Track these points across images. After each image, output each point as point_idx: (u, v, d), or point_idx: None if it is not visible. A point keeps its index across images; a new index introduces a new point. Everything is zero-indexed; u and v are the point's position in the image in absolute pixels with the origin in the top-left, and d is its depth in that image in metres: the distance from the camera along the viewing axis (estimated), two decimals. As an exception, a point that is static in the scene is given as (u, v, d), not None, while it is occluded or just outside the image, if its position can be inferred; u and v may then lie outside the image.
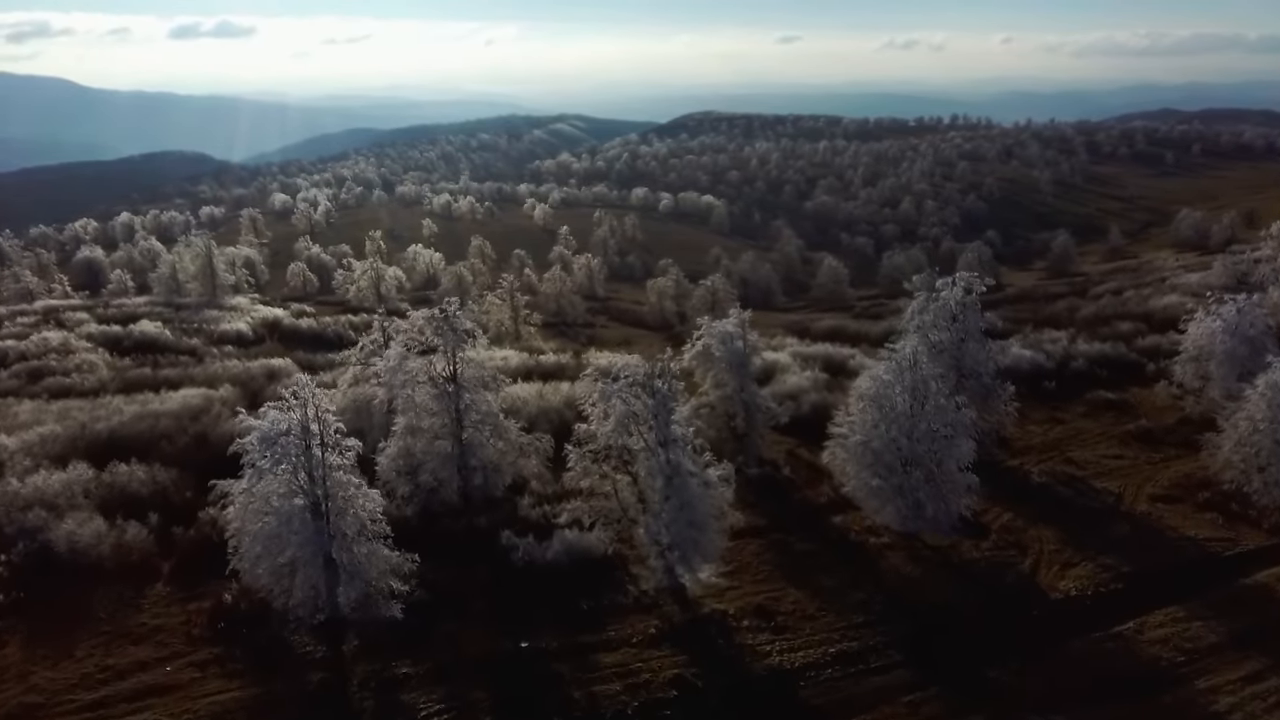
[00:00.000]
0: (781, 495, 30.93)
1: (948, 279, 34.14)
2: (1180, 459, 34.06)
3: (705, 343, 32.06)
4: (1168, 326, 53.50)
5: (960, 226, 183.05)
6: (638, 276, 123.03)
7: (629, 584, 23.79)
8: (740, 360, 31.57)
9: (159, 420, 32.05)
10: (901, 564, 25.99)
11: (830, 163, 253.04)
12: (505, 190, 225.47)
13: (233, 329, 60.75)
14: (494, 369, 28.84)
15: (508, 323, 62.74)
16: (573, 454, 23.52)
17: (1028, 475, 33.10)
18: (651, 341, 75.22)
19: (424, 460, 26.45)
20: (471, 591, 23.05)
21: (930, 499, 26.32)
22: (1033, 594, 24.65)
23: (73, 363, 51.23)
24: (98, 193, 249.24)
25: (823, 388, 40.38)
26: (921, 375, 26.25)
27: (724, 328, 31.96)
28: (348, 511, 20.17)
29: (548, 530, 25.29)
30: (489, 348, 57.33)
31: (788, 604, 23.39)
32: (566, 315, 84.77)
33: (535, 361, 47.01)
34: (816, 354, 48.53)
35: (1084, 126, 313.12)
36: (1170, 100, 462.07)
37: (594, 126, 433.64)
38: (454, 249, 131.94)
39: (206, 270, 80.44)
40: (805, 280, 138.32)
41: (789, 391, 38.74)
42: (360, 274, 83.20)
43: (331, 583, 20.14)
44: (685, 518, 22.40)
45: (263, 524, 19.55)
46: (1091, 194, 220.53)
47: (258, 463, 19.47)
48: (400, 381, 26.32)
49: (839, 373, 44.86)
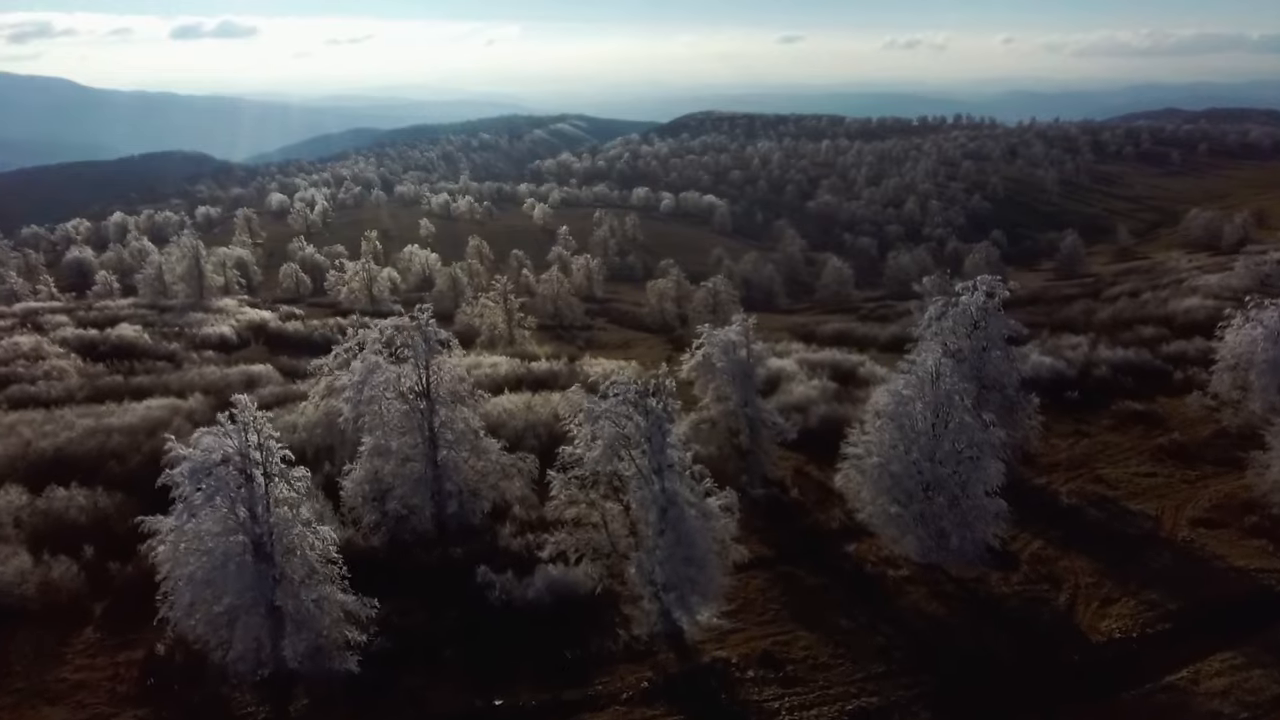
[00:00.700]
0: (789, 520, 28.33)
1: (968, 283, 31.50)
2: (1219, 477, 31.46)
3: (706, 352, 29.46)
4: (1192, 331, 51.10)
5: (965, 226, 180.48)
6: (638, 277, 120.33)
7: (619, 628, 21.18)
8: (744, 371, 28.98)
9: (111, 436, 29.47)
10: (924, 601, 23.38)
11: (833, 162, 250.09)
12: (505, 190, 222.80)
13: (215, 333, 58.10)
14: (471, 383, 26.17)
15: (501, 326, 59.91)
16: (556, 480, 20.91)
17: (1056, 496, 30.50)
18: (651, 344, 72.63)
19: (393, 485, 23.84)
20: (441, 637, 20.47)
21: (955, 528, 23.71)
22: (1071, 636, 22.06)
23: (41, 369, 48.73)
24: (97, 193, 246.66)
25: (831, 398, 37.77)
26: (945, 390, 23.63)
27: (726, 336, 29.34)
28: (295, 552, 17.60)
29: (530, 564, 22.70)
30: (479, 353, 54.85)
31: (798, 650, 20.80)
32: (564, 317, 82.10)
33: (526, 369, 44.39)
34: (824, 361, 45.87)
35: (1088, 126, 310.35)
36: (1173, 100, 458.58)
37: (595, 126, 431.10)
38: (452, 249, 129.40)
39: (194, 271, 77.91)
40: (809, 281, 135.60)
41: (796, 403, 36.14)
42: (352, 275, 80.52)
43: (276, 633, 17.57)
44: (682, 554, 19.82)
45: (196, 567, 16.96)
46: (1097, 194, 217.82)
47: (190, 497, 16.88)
48: (367, 397, 23.64)
49: (848, 381, 42.27)
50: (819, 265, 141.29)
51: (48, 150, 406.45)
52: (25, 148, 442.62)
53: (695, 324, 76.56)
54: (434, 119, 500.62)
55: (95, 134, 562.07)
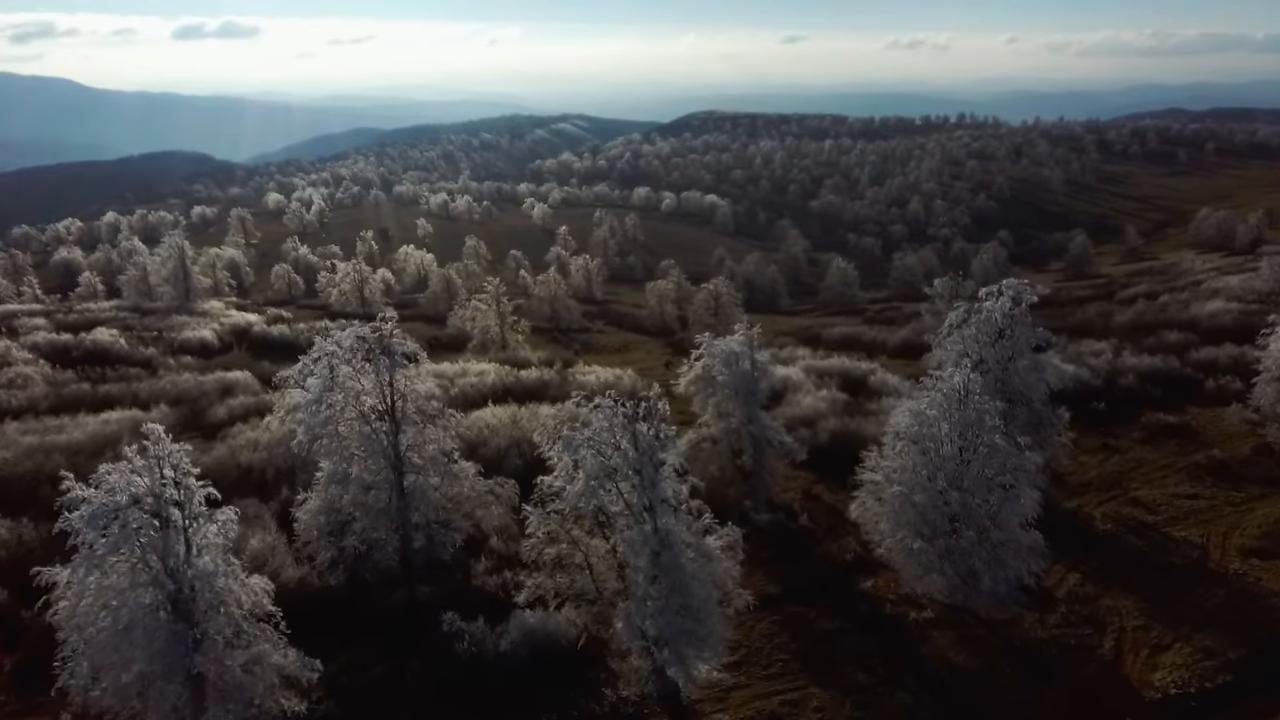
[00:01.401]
0: (798, 550, 25.62)
1: (991, 287, 28.75)
2: (1267, 499, 28.74)
3: (705, 364, 26.73)
4: (1220, 336, 48.37)
5: (971, 226, 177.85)
6: (638, 278, 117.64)
7: (605, 685, 18.51)
8: (748, 386, 26.28)
9: (51, 457, 26.79)
10: (951, 649, 20.70)
11: (836, 162, 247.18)
12: (505, 190, 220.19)
13: (196, 337, 55.31)
14: (443, 402, 23.52)
15: (494, 330, 57.13)
16: (533, 516, 18.19)
17: (1090, 522, 27.77)
18: (650, 349, 69.99)
19: (353, 516, 21.15)
20: (399, 699, 17.80)
21: (986, 565, 21.01)
22: (1121, 691, 19.39)
23: (6, 377, 46.10)
24: (95, 193, 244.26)
25: (842, 411, 35.05)
26: (975, 410, 20.93)
27: (728, 346, 26.59)
28: (219, 609, 14.91)
29: (506, 606, 20.00)
30: (468, 359, 52.21)
31: (809, 711, 18.14)
32: (561, 320, 79.36)
33: (515, 377, 41.67)
34: (832, 368, 43.11)
35: (1094, 125, 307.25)
36: (1176, 100, 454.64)
37: (597, 126, 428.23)
38: (450, 250, 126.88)
39: (179, 273, 75.26)
40: (812, 282, 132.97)
41: (804, 415, 33.46)
42: (342, 277, 77.80)
43: (197, 705, 14.90)
44: (677, 603, 17.13)
45: (100, 628, 14.29)
46: (1104, 193, 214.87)
47: (92, 545, 14.21)
48: (323, 419, 20.94)
49: (858, 391, 39.55)
50: (822, 266, 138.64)
51: (50, 151, 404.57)
52: (28, 148, 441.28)
53: (696, 327, 74.39)
54: (436, 119, 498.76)
55: (98, 135, 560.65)
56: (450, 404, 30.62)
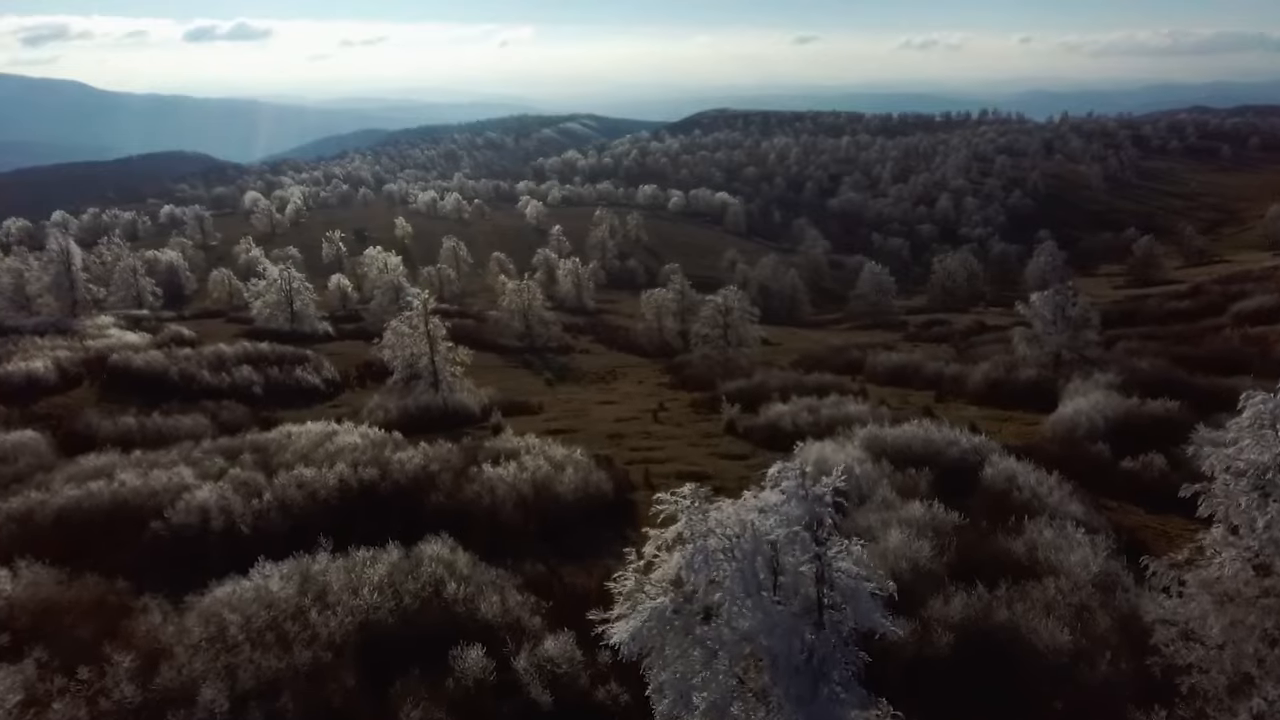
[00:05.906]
0: None
1: None
2: None
3: (688, 573, 11.41)
4: None
5: (1006, 225, 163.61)
6: (639, 283, 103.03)
7: None
8: (809, 608, 11.07)
9: None
10: None
11: (855, 158, 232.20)
12: (503, 188, 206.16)
13: (21, 370, 40.94)
14: None
15: (423, 360, 42.09)
16: None
17: None
18: (643, 375, 55.47)
19: None
20: None
21: None
22: None
23: None
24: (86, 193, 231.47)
25: (954, 554, 17.56)
26: None
27: (747, 522, 11.02)
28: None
29: None
30: (347, 416, 37.88)
31: None
32: (535, 338, 65.02)
33: (384, 467, 24.74)
34: (909, 443, 24.96)
35: (1126, 120, 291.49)
36: (1197, 99, 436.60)
37: (605, 125, 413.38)
38: (428, 252, 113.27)
39: (63, 281, 61.35)
40: (834, 288, 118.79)
41: (892, 568, 15.45)
42: (265, 287, 63.21)
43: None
44: None
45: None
46: (1147, 190, 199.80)
47: None
48: None
49: (966, 491, 22.08)
50: (845, 269, 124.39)
51: (59, 154, 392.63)
52: (38, 150, 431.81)
53: (698, 348, 59.54)
54: (446, 120, 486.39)
55: (109, 137, 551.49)
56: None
